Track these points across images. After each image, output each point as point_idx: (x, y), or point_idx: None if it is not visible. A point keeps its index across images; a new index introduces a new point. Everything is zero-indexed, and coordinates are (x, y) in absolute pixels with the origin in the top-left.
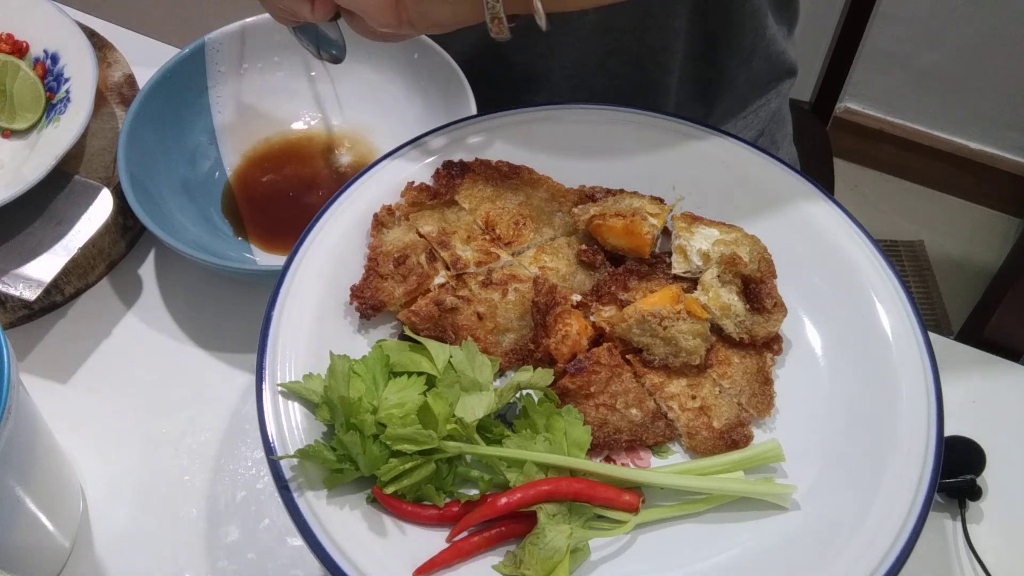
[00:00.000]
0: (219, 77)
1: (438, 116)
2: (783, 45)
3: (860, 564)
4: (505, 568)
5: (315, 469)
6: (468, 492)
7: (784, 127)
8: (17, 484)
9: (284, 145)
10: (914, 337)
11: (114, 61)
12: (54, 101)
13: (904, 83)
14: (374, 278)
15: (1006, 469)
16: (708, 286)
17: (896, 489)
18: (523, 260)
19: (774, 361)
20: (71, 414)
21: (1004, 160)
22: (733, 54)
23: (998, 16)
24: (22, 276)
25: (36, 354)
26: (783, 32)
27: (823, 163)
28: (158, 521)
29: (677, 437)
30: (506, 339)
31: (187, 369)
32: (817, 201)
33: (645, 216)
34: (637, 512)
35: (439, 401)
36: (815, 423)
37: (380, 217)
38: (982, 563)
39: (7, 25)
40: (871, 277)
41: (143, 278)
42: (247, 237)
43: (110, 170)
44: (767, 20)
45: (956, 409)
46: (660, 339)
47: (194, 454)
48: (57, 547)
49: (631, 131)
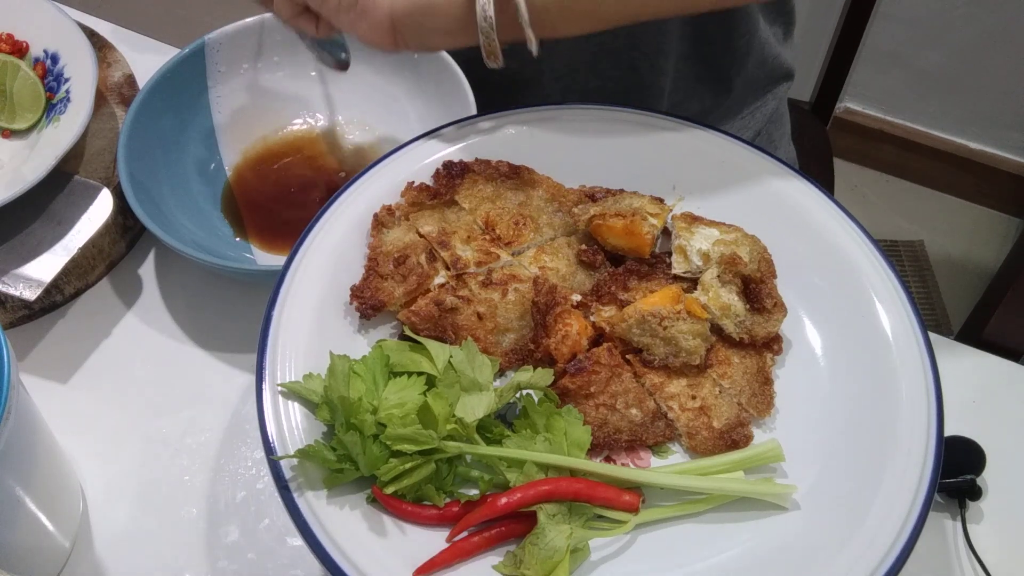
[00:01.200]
0: (219, 77)
1: (438, 116)
2: (778, 49)
3: (860, 564)
4: (505, 568)
5: (315, 469)
6: (468, 492)
7: (782, 127)
8: (17, 484)
9: (284, 145)
10: (914, 337)
11: (114, 61)
12: (54, 101)
13: (904, 83)
14: (374, 278)
15: (1006, 469)
16: (708, 286)
17: (896, 489)
18: (523, 260)
19: (774, 361)
20: (71, 414)
21: (1004, 160)
22: (726, 56)
23: (998, 16)
24: (22, 276)
25: (36, 354)
26: (778, 34)
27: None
28: (158, 521)
29: (677, 437)
30: (506, 339)
31: (187, 369)
32: (817, 201)
33: (645, 216)
34: (637, 512)
35: (439, 401)
36: (815, 423)
37: (380, 217)
38: (982, 563)
39: (7, 25)
40: (871, 277)
41: (143, 278)
42: (247, 237)
43: (110, 170)
44: (759, 22)
45: (956, 409)
46: (660, 339)
47: (194, 454)
48: (57, 547)
49: (631, 131)
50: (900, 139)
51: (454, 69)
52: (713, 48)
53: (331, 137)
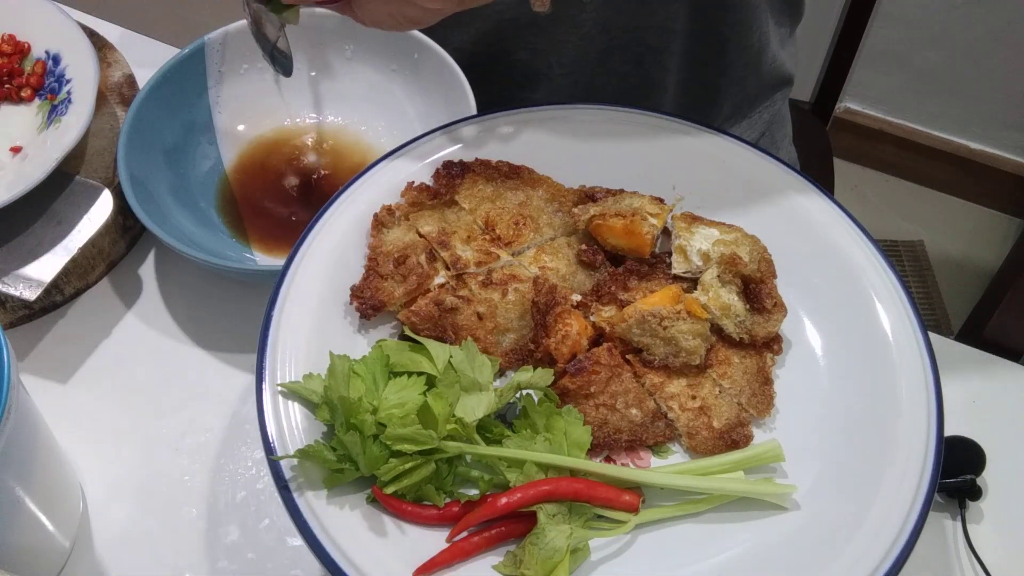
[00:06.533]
0: (219, 77)
1: (438, 116)
2: (782, 56)
3: (860, 564)
4: (505, 568)
5: (315, 469)
6: (468, 492)
7: (784, 127)
8: (17, 484)
9: (284, 145)
10: (914, 337)
11: (114, 61)
12: (55, 102)
13: (904, 83)
14: (374, 278)
15: (1006, 469)
16: (708, 286)
17: (896, 489)
18: (523, 260)
19: (774, 361)
20: (71, 414)
21: (1004, 160)
22: (733, 58)
23: (998, 16)
24: (22, 276)
25: (36, 354)
26: (784, 34)
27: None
28: (158, 521)
29: (677, 437)
30: (506, 339)
31: (187, 369)
32: (817, 201)
33: (645, 216)
34: (637, 512)
35: (439, 401)
36: (815, 423)
37: (380, 217)
38: (982, 563)
39: (9, 26)
40: (871, 277)
41: (143, 278)
42: (246, 237)
43: (110, 170)
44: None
45: (956, 409)
46: (660, 339)
47: (194, 454)
48: (57, 547)
49: (631, 131)
50: (900, 139)
51: (454, 69)
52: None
53: (331, 137)
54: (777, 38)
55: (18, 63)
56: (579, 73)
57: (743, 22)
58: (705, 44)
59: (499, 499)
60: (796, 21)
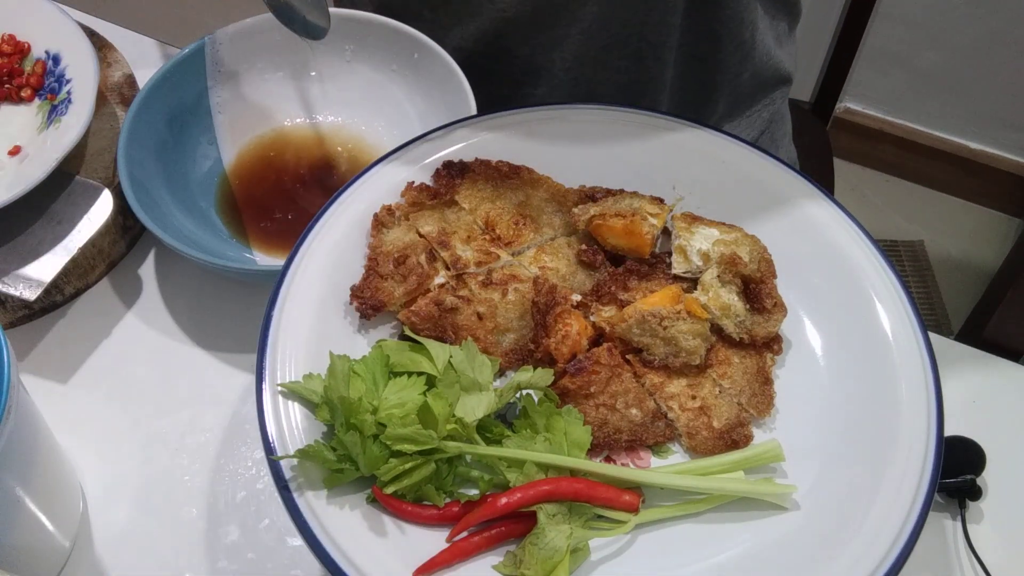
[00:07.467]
0: (219, 77)
1: (438, 116)
2: (779, 54)
3: (860, 564)
4: (505, 568)
5: (315, 469)
6: (468, 492)
7: (784, 126)
8: (17, 484)
9: (284, 145)
10: (914, 337)
11: (114, 61)
12: (55, 103)
13: (904, 83)
14: (374, 278)
15: (1006, 469)
16: (708, 286)
17: (896, 489)
18: (523, 260)
19: (774, 361)
20: (71, 414)
21: (1004, 160)
22: (727, 53)
23: (998, 16)
24: (22, 276)
25: (36, 354)
26: (782, 32)
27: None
28: (158, 521)
29: (677, 437)
30: (506, 339)
31: (187, 369)
32: (817, 201)
33: (645, 216)
34: (637, 512)
35: (439, 401)
36: (815, 423)
37: (380, 217)
38: (982, 563)
39: (9, 26)
40: (871, 277)
41: (143, 278)
42: (246, 237)
43: (110, 170)
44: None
45: (956, 409)
46: (660, 339)
47: (194, 454)
48: (57, 547)
49: (631, 131)
50: (900, 139)
51: (454, 68)
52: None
53: (331, 137)
54: (772, 34)
55: (18, 63)
56: (580, 69)
57: (734, 16)
58: (700, 38)
59: (499, 499)
60: (794, 19)
